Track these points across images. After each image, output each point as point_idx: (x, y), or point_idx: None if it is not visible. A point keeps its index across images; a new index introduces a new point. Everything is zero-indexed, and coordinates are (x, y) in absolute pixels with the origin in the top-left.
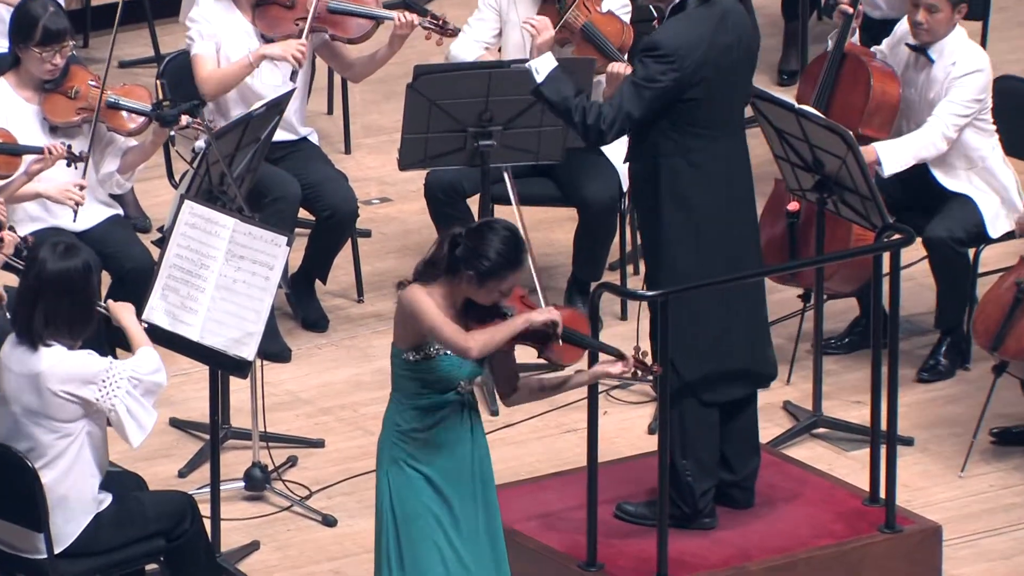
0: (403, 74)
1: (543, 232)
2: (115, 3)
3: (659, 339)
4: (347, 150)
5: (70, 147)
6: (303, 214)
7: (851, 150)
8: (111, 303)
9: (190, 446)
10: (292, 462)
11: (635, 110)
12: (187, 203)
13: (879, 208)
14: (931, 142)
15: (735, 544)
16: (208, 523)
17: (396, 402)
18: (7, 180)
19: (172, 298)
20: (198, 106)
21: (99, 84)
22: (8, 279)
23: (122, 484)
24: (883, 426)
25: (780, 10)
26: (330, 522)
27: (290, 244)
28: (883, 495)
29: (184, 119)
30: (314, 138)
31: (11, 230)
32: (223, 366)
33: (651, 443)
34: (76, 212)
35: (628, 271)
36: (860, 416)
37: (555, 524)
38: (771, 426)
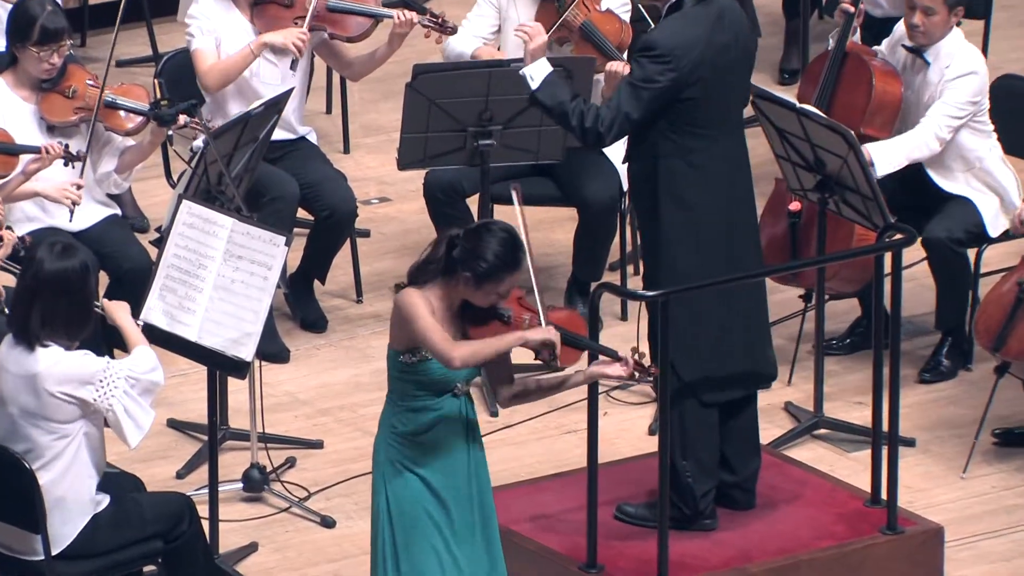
0: (402, 73)
1: (543, 232)
2: (113, 2)
3: (659, 339)
4: (346, 149)
5: (67, 147)
6: (302, 214)
7: (852, 150)
8: (106, 302)
9: (188, 447)
10: (291, 463)
11: (633, 111)
12: (185, 203)
13: (881, 208)
14: (924, 143)
15: (736, 545)
16: (206, 524)
17: (392, 404)
18: (4, 180)
19: (170, 298)
20: (196, 105)
21: (96, 83)
22: (7, 279)
23: (120, 485)
24: (885, 427)
25: (781, 9)
26: (329, 523)
27: (288, 244)
28: (885, 496)
29: (182, 118)
30: (313, 137)
31: (8, 230)
32: (221, 367)
33: (651, 444)
34: (73, 212)
35: (628, 271)
36: (861, 417)
37: (555, 525)
38: (772, 427)
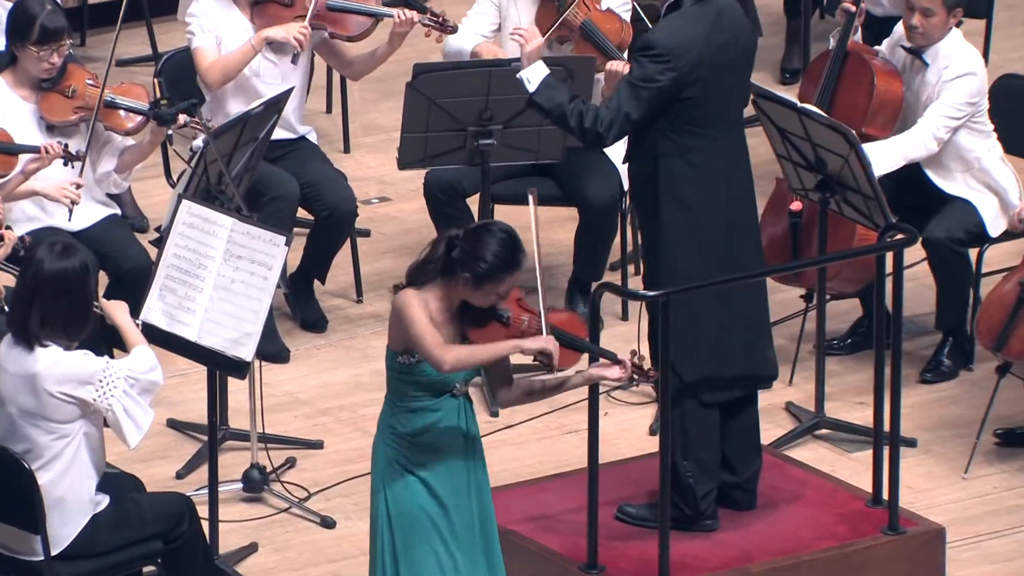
0: (402, 72)
1: (544, 232)
2: (112, 1)
3: (660, 340)
4: (346, 149)
5: (67, 146)
6: (302, 214)
7: (854, 149)
8: (105, 302)
9: (188, 447)
10: (291, 463)
11: (633, 111)
12: (185, 202)
13: (882, 208)
14: (921, 143)
15: (737, 546)
16: (206, 525)
17: (391, 404)
18: (3, 179)
19: (170, 298)
20: (196, 105)
21: (96, 83)
22: (6, 279)
23: (119, 486)
24: (886, 427)
25: (783, 8)
26: (329, 524)
27: (288, 244)
28: (886, 497)
29: (182, 118)
30: (313, 137)
31: (8, 229)
32: (221, 367)
33: (652, 444)
34: (72, 211)
35: (629, 271)
36: (863, 417)
37: (555, 526)
38: (773, 427)
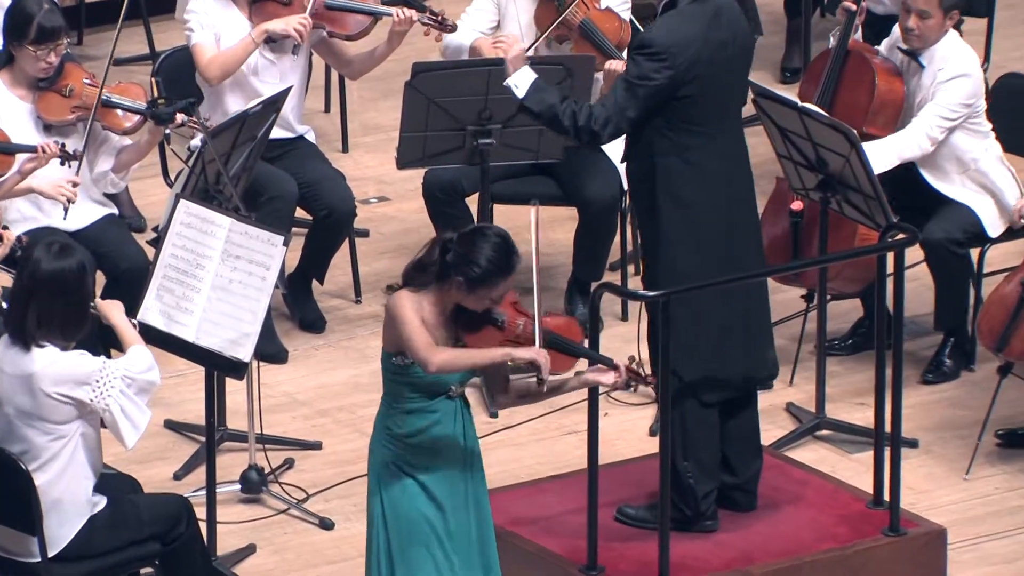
0: (401, 71)
1: (543, 231)
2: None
3: (660, 340)
4: (345, 148)
5: (63, 146)
6: (300, 213)
7: (855, 149)
8: (100, 302)
9: (186, 448)
10: (289, 464)
11: (629, 109)
12: (183, 202)
13: (883, 207)
14: (915, 143)
15: (737, 547)
16: (204, 526)
17: (387, 406)
18: (0, 179)
19: (167, 298)
20: (194, 104)
21: (94, 82)
22: (3, 279)
23: (116, 487)
24: (887, 428)
25: (783, 7)
26: (327, 525)
27: (287, 244)
28: (887, 498)
29: (180, 117)
30: (311, 136)
31: (5, 229)
32: (219, 367)
33: (652, 445)
34: (67, 209)
35: (629, 271)
36: (864, 418)
37: (555, 527)
38: (774, 428)
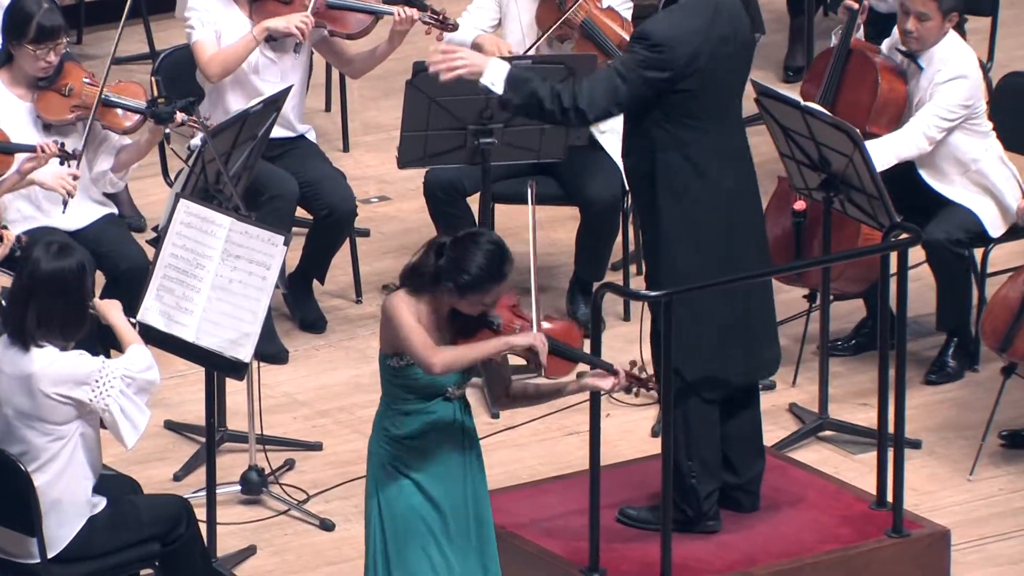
0: (402, 70)
1: (545, 231)
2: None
3: (663, 340)
4: (345, 148)
5: (63, 145)
6: (301, 213)
7: (858, 148)
8: (98, 301)
9: (185, 449)
10: (289, 465)
11: (618, 93)
12: (182, 202)
13: (887, 207)
14: (913, 142)
15: (740, 548)
16: (204, 527)
17: (385, 407)
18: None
19: (167, 298)
20: (194, 103)
21: (93, 81)
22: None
23: (116, 488)
24: (890, 429)
25: (785, 5)
26: (328, 526)
27: (287, 243)
28: (890, 499)
29: (180, 116)
30: (312, 136)
31: (5, 228)
32: (219, 368)
33: (654, 446)
34: (66, 203)
35: (631, 271)
36: (867, 419)
37: (557, 528)
38: (776, 429)
